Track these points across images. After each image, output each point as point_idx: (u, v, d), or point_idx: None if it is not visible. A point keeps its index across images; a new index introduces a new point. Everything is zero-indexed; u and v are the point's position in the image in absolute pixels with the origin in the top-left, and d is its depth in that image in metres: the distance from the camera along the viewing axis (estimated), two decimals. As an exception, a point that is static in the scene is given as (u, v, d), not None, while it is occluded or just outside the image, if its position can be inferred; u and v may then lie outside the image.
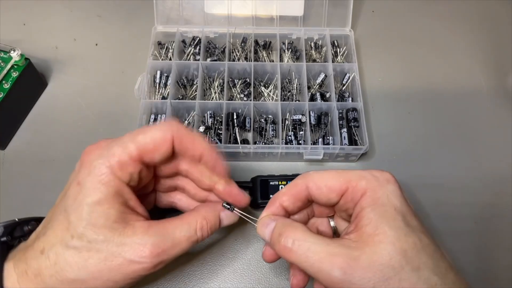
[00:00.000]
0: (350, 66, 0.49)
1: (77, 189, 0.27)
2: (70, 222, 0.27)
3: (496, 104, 0.50)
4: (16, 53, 0.44)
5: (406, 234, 0.25)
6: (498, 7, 0.59)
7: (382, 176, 0.29)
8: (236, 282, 0.39)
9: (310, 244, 0.26)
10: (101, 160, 0.27)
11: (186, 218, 0.30)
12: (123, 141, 0.28)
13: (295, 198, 0.30)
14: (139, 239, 0.27)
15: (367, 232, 0.26)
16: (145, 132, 0.28)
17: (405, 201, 0.28)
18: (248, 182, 0.43)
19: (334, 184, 0.29)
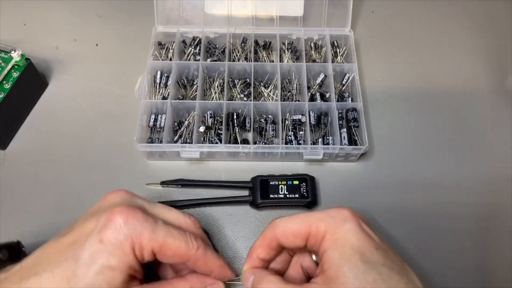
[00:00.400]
0: (350, 66, 0.49)
1: (98, 247, 0.28)
2: (75, 276, 0.27)
3: (496, 104, 0.51)
4: (16, 53, 0.44)
5: (364, 272, 0.27)
6: (498, 7, 0.59)
7: (338, 215, 0.30)
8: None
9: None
10: (132, 233, 0.28)
11: (176, 284, 0.32)
12: (156, 232, 0.29)
13: (268, 248, 0.32)
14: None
15: (330, 276, 0.28)
16: (175, 238, 0.30)
17: (364, 236, 0.29)
18: (248, 182, 0.43)
19: (298, 230, 0.30)
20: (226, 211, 0.42)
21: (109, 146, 0.46)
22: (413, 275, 0.29)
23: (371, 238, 0.29)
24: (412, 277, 0.28)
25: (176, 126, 0.46)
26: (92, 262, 0.27)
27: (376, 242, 0.29)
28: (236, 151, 0.44)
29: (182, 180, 0.43)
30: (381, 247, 0.29)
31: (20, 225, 0.41)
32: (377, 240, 0.29)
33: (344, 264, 0.27)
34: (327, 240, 0.29)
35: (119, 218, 0.28)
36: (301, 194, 0.41)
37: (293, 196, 0.41)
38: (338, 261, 0.28)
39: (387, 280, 0.27)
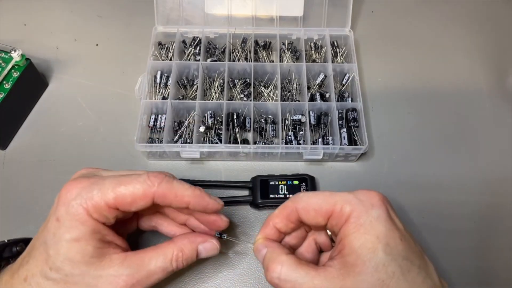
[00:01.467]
0: (350, 67, 0.49)
1: (56, 225, 0.28)
2: (49, 256, 0.28)
3: (496, 104, 0.51)
4: (16, 54, 0.44)
5: (385, 264, 0.26)
6: (498, 7, 0.59)
7: (368, 199, 0.28)
8: (236, 282, 0.39)
9: (295, 279, 0.28)
10: (79, 200, 0.28)
11: (162, 249, 0.31)
12: (104, 187, 0.29)
13: (286, 219, 0.31)
14: (114, 271, 0.29)
15: (349, 262, 0.27)
16: (126, 184, 0.29)
17: (391, 224, 0.28)
18: (248, 182, 0.43)
19: (321, 207, 0.29)
20: (226, 211, 0.42)
21: (109, 146, 0.46)
22: (431, 269, 0.28)
23: (397, 227, 0.28)
24: (430, 271, 0.28)
25: (176, 126, 0.46)
26: (57, 240, 0.28)
27: (401, 232, 0.28)
28: (236, 151, 0.44)
29: (182, 180, 0.43)
30: (406, 238, 0.28)
31: (20, 225, 0.41)
32: (403, 230, 0.28)
33: (366, 253, 0.26)
34: (350, 223, 0.28)
35: (64, 193, 0.29)
36: None
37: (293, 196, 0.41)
38: (360, 249, 0.27)
39: (406, 273, 0.26)
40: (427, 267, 0.28)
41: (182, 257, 0.31)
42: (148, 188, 0.29)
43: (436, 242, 0.41)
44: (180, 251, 0.31)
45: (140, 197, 0.29)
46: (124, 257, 0.29)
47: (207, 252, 0.33)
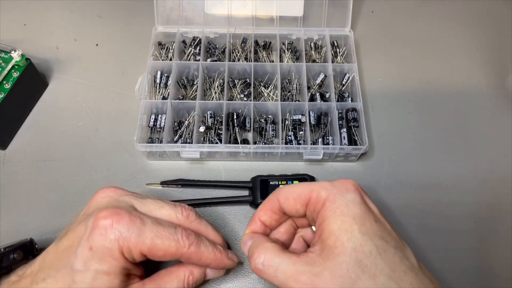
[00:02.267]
0: (350, 67, 0.49)
1: (88, 255, 0.28)
2: (74, 281, 0.28)
3: (496, 104, 0.51)
4: (16, 54, 0.44)
5: (361, 243, 0.27)
6: (498, 7, 0.59)
7: (342, 185, 0.30)
8: (236, 282, 0.39)
9: (278, 264, 0.28)
10: (118, 238, 0.29)
11: (175, 273, 0.33)
12: (144, 234, 0.29)
13: (270, 211, 0.33)
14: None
15: (328, 245, 0.27)
16: (163, 238, 0.30)
17: (365, 207, 0.29)
18: (248, 182, 0.43)
19: (299, 195, 0.31)
20: (226, 211, 0.42)
21: (109, 146, 0.46)
22: (408, 251, 0.28)
23: (371, 210, 0.29)
24: (407, 252, 0.28)
25: (176, 126, 0.46)
26: (86, 269, 0.28)
27: (375, 215, 0.29)
28: (236, 151, 0.44)
29: (182, 180, 0.43)
30: (381, 220, 0.29)
31: (20, 224, 0.41)
32: (377, 213, 0.29)
33: (344, 234, 0.27)
34: (326, 208, 0.29)
35: (104, 223, 0.29)
36: None
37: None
38: (337, 231, 0.27)
39: (383, 253, 0.27)
40: (404, 249, 0.28)
41: (193, 279, 0.33)
42: (180, 248, 0.30)
43: (436, 242, 0.41)
44: (191, 274, 0.33)
45: (170, 254, 0.30)
46: (142, 285, 0.31)
47: (214, 274, 0.35)
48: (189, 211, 0.34)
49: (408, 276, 0.27)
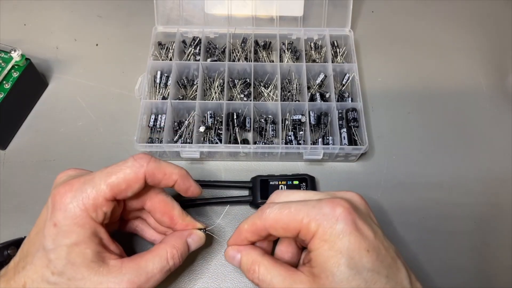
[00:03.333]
0: (350, 67, 0.49)
1: (54, 231, 0.29)
2: (50, 260, 0.28)
3: (496, 104, 0.51)
4: (16, 53, 0.44)
5: (348, 278, 0.27)
6: (498, 7, 0.59)
7: (332, 212, 0.28)
8: (236, 282, 0.39)
9: (270, 279, 0.30)
10: (75, 203, 0.29)
11: (156, 250, 0.32)
12: (95, 183, 0.29)
13: (257, 235, 0.32)
14: (114, 277, 0.29)
15: (316, 273, 0.28)
16: (117, 173, 0.30)
17: (356, 237, 0.27)
18: (248, 182, 0.43)
19: (288, 226, 0.29)
20: (226, 210, 0.42)
21: (109, 146, 0.46)
22: (402, 276, 0.28)
23: (364, 238, 0.28)
24: (400, 278, 0.28)
25: (176, 126, 0.46)
26: (56, 246, 0.28)
27: (368, 242, 0.28)
28: (236, 151, 0.44)
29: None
30: (373, 248, 0.28)
31: (20, 224, 0.41)
32: (372, 239, 0.28)
33: (330, 268, 0.27)
34: (316, 239, 0.28)
35: (58, 198, 0.29)
36: None
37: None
38: (324, 263, 0.27)
39: (372, 285, 0.27)
40: (397, 274, 0.28)
41: (177, 253, 0.32)
42: (138, 169, 0.30)
43: (436, 242, 0.41)
44: (174, 248, 0.32)
45: (133, 179, 0.30)
46: (121, 263, 0.30)
47: (195, 243, 0.35)
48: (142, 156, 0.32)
49: None
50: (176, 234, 0.34)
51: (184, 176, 0.33)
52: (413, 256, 0.40)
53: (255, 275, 0.30)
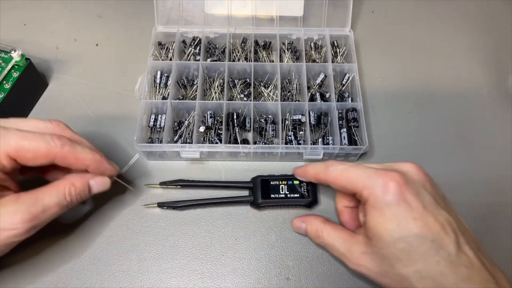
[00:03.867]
0: (350, 67, 0.49)
1: None
2: None
3: (496, 104, 0.51)
4: (16, 53, 0.44)
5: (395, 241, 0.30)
6: (498, 7, 0.59)
7: (384, 185, 0.31)
8: (236, 282, 0.39)
9: (332, 243, 0.36)
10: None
11: (55, 185, 0.33)
12: (7, 137, 0.30)
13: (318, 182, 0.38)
14: (10, 208, 0.30)
15: (369, 236, 0.32)
16: (30, 140, 0.30)
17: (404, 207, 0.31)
18: (249, 182, 0.43)
19: (345, 188, 0.35)
20: (226, 211, 0.42)
21: (109, 146, 0.46)
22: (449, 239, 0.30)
23: (411, 208, 0.30)
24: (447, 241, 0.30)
25: (176, 126, 0.46)
26: None
27: (415, 212, 0.30)
28: (236, 151, 0.44)
29: (182, 180, 0.43)
30: (420, 216, 0.30)
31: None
32: (419, 209, 0.30)
33: (380, 232, 0.31)
34: (368, 205, 0.32)
35: None
36: (302, 194, 0.41)
37: (293, 196, 0.41)
38: (374, 228, 0.31)
39: (416, 247, 0.30)
40: (444, 238, 0.30)
41: (75, 191, 0.33)
42: (52, 148, 0.31)
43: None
44: (72, 185, 0.33)
45: (41, 155, 0.30)
46: (18, 195, 0.31)
47: (98, 187, 0.35)
48: (58, 121, 0.34)
49: (440, 266, 0.29)
50: (79, 174, 0.34)
51: (98, 162, 0.34)
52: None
53: (320, 240, 0.37)
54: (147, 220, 0.42)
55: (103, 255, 0.40)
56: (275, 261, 0.40)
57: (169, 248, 0.40)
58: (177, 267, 0.39)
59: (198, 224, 0.42)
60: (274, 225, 0.42)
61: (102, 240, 0.40)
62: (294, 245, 0.41)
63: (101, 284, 0.38)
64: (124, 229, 0.41)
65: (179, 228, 0.41)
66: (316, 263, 0.40)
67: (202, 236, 0.41)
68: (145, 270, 0.39)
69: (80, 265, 0.39)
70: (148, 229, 0.41)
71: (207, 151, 0.43)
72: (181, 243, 0.41)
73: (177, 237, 0.41)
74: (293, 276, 0.39)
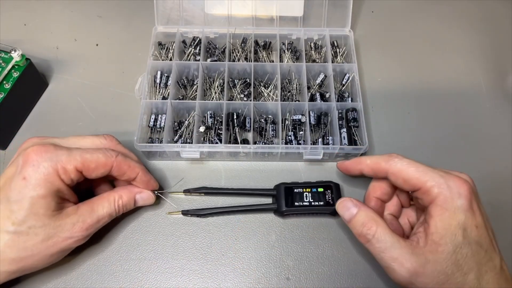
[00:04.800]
0: (350, 67, 0.49)
1: (22, 184, 0.32)
2: (12, 212, 0.32)
3: (496, 104, 0.51)
4: (17, 53, 0.44)
5: (461, 246, 0.31)
6: (498, 7, 0.59)
7: (456, 188, 0.32)
8: (236, 282, 0.39)
9: (389, 244, 0.33)
10: (50, 163, 0.32)
11: (106, 197, 0.37)
12: (72, 153, 0.33)
13: (373, 173, 0.37)
14: (71, 219, 0.34)
15: (433, 240, 0.32)
16: (92, 153, 0.34)
17: (470, 214, 0.32)
18: (272, 190, 0.43)
19: (410, 180, 0.34)
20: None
21: (109, 146, 0.46)
22: (495, 254, 0.32)
23: (475, 216, 0.32)
24: (494, 255, 0.32)
25: (176, 126, 0.46)
26: (22, 197, 0.32)
27: (477, 221, 0.32)
28: (236, 151, 0.44)
29: (205, 188, 0.43)
30: (481, 226, 0.32)
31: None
32: (480, 219, 0.32)
33: (449, 236, 0.31)
34: (437, 206, 0.32)
35: (33, 155, 0.32)
36: (327, 201, 0.41)
37: (318, 203, 0.41)
38: (443, 231, 0.31)
39: (476, 255, 0.31)
40: (492, 251, 0.32)
41: (122, 203, 0.37)
42: (109, 158, 0.35)
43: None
44: (120, 197, 0.37)
45: (102, 165, 0.34)
46: (77, 207, 0.35)
47: (144, 201, 0.39)
48: (111, 136, 0.38)
49: (488, 275, 0.31)
50: (128, 187, 0.38)
51: (144, 170, 0.38)
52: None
53: (370, 231, 0.33)
54: (147, 220, 0.42)
55: (103, 254, 0.40)
56: (275, 261, 0.40)
57: (169, 248, 0.40)
58: (177, 267, 0.39)
59: (198, 224, 0.42)
60: (274, 226, 0.42)
61: (102, 240, 0.40)
62: (294, 245, 0.41)
63: (101, 284, 0.38)
64: (124, 229, 0.41)
65: (179, 228, 0.41)
66: (316, 263, 0.40)
67: (202, 236, 0.41)
68: (145, 270, 0.39)
69: (80, 265, 0.39)
70: (148, 229, 0.41)
71: (207, 151, 0.43)
72: (181, 243, 0.41)
73: (177, 237, 0.41)
74: (293, 276, 0.39)
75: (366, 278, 0.39)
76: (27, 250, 0.32)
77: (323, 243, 0.41)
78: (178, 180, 0.44)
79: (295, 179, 0.44)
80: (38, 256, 0.33)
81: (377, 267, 0.40)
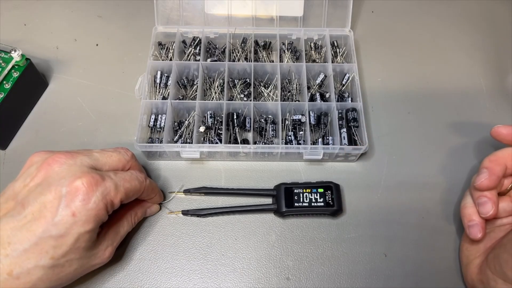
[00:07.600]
0: (350, 67, 0.49)
1: (70, 220, 0.30)
2: (53, 247, 0.30)
3: (496, 104, 0.51)
4: (17, 53, 0.44)
5: None
6: (498, 7, 0.59)
7: None
8: (236, 282, 0.39)
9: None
10: (100, 197, 0.31)
11: (125, 216, 0.38)
12: (118, 184, 0.33)
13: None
14: (102, 246, 0.35)
15: None
16: (130, 181, 0.34)
17: None
18: (272, 190, 0.43)
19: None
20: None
21: (109, 146, 0.46)
22: None
23: None
24: None
25: (176, 126, 0.46)
26: (67, 233, 0.30)
27: None
28: (236, 151, 0.44)
29: (205, 188, 0.43)
30: None
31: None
32: None
33: None
34: None
35: (84, 190, 0.31)
36: (327, 202, 0.41)
37: (318, 204, 0.41)
38: None
39: None
40: None
41: (137, 219, 0.39)
42: (143, 185, 0.36)
43: (436, 242, 0.41)
44: (135, 214, 0.39)
45: (137, 191, 0.35)
46: (105, 233, 0.35)
47: (151, 213, 0.42)
48: (128, 151, 0.38)
49: None
50: (140, 203, 0.40)
51: (157, 188, 0.41)
52: (414, 256, 0.40)
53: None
54: (147, 220, 0.42)
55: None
56: (275, 261, 0.40)
57: (169, 248, 0.40)
58: (177, 267, 0.39)
59: (198, 224, 0.42)
60: (274, 226, 0.42)
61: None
62: (294, 245, 0.41)
63: (101, 284, 0.38)
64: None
65: (179, 228, 0.41)
66: (316, 263, 0.40)
67: (202, 236, 0.41)
68: (145, 270, 0.39)
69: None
70: (148, 229, 0.41)
71: (207, 151, 0.43)
72: (181, 243, 0.41)
73: (177, 237, 0.41)
74: (293, 276, 0.39)
75: (366, 278, 0.39)
76: (59, 280, 0.32)
77: (323, 243, 0.41)
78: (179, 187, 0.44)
79: (295, 179, 0.44)
80: (66, 282, 0.33)
81: (377, 267, 0.40)
